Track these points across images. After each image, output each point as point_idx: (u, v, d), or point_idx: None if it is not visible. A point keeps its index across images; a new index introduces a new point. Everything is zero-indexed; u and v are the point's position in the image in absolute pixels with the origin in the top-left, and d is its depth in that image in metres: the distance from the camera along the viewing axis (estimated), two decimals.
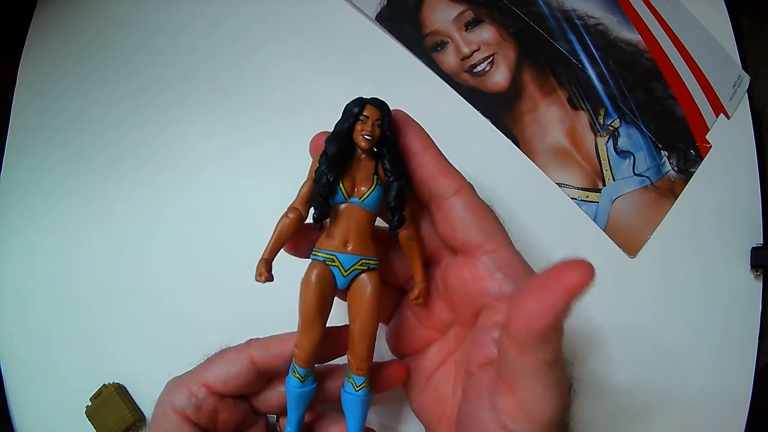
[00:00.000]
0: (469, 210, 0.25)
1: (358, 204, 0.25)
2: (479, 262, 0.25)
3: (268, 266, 0.25)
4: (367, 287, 0.25)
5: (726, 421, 0.35)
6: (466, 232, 0.25)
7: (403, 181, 0.25)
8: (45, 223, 0.40)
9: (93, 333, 0.38)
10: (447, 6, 0.40)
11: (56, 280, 0.39)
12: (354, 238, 0.25)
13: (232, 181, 0.39)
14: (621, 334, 0.36)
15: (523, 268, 0.25)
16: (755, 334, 0.36)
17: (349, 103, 0.25)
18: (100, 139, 0.41)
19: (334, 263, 0.25)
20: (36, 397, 0.38)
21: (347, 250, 0.25)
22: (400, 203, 0.25)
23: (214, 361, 0.27)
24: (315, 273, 0.25)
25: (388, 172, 0.25)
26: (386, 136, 0.25)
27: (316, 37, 0.41)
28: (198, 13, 0.42)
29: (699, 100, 0.39)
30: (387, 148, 0.25)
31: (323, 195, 0.24)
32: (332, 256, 0.25)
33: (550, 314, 0.19)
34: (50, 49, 0.44)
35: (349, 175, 0.25)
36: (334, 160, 0.24)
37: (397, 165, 0.25)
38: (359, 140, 0.24)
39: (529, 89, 0.39)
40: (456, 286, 0.26)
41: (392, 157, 0.25)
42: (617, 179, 0.38)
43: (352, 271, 0.25)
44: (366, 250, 0.25)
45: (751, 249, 0.37)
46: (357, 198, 0.25)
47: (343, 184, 0.25)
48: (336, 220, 0.25)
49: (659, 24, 0.40)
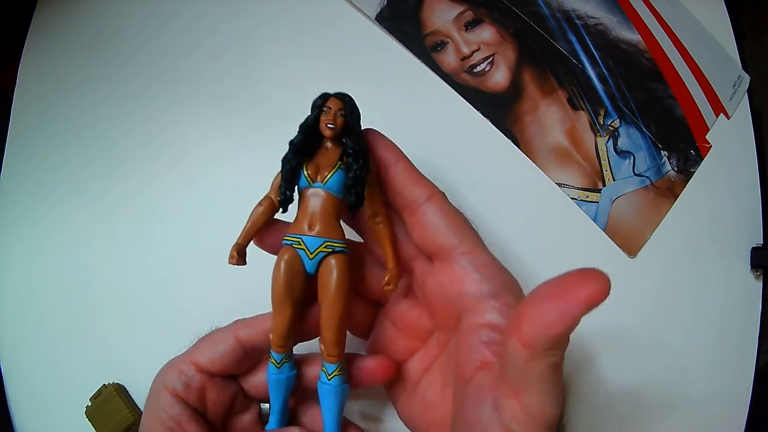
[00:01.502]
0: (442, 215, 0.26)
1: (320, 188, 0.26)
2: (456, 265, 0.26)
3: (240, 250, 0.27)
4: (333, 270, 0.26)
5: (726, 422, 0.35)
6: (441, 235, 0.26)
7: (360, 162, 0.25)
8: (45, 223, 0.40)
9: (93, 333, 0.38)
10: (447, 6, 0.40)
11: (56, 281, 0.39)
12: (318, 221, 0.26)
13: (234, 182, 0.39)
14: (621, 334, 0.36)
15: (498, 269, 0.26)
16: (755, 334, 0.36)
17: (315, 99, 0.26)
18: (101, 140, 0.41)
19: (300, 246, 0.26)
20: (36, 397, 0.38)
21: (311, 233, 0.26)
22: (356, 181, 0.25)
23: (203, 341, 0.28)
24: (283, 257, 0.26)
25: (348, 155, 0.26)
26: (349, 125, 0.26)
27: (316, 37, 0.41)
28: (199, 14, 0.42)
29: (699, 100, 0.39)
30: (350, 136, 0.26)
31: (287, 179, 0.26)
32: (298, 240, 0.26)
33: (568, 321, 0.19)
34: (50, 49, 0.44)
35: (314, 162, 0.26)
36: (298, 148, 0.26)
37: (357, 149, 0.26)
38: (323, 129, 0.26)
39: (529, 89, 0.39)
40: (435, 292, 0.27)
41: (354, 144, 0.26)
42: (617, 179, 0.38)
43: (317, 254, 0.26)
44: (331, 232, 0.26)
45: (751, 249, 0.37)
46: (320, 182, 0.26)
47: (307, 169, 0.26)
48: (301, 205, 0.26)
49: (659, 24, 0.40)
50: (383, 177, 0.27)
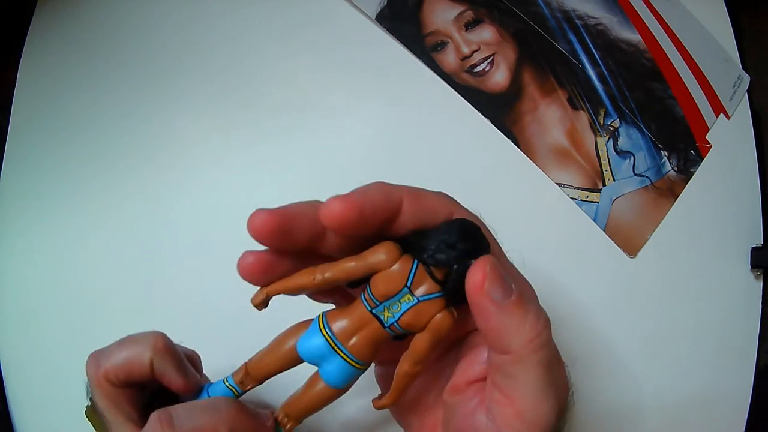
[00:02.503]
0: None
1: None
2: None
3: (263, 298, 0.23)
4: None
5: (726, 422, 0.35)
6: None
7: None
8: (45, 223, 0.40)
9: (93, 333, 0.38)
10: (447, 6, 0.40)
11: (56, 280, 0.39)
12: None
13: (233, 180, 0.39)
14: (621, 334, 0.36)
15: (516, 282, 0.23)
16: (755, 335, 0.36)
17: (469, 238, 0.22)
18: (100, 139, 0.41)
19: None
20: (36, 397, 0.38)
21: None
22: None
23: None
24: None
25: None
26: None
27: (316, 36, 0.41)
28: (198, 13, 0.42)
29: (699, 100, 0.39)
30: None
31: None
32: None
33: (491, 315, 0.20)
34: (50, 49, 0.44)
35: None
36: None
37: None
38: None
39: (529, 89, 0.39)
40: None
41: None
42: (617, 179, 0.38)
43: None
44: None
45: (751, 249, 0.37)
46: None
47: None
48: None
49: (659, 24, 0.40)
50: None
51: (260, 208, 0.21)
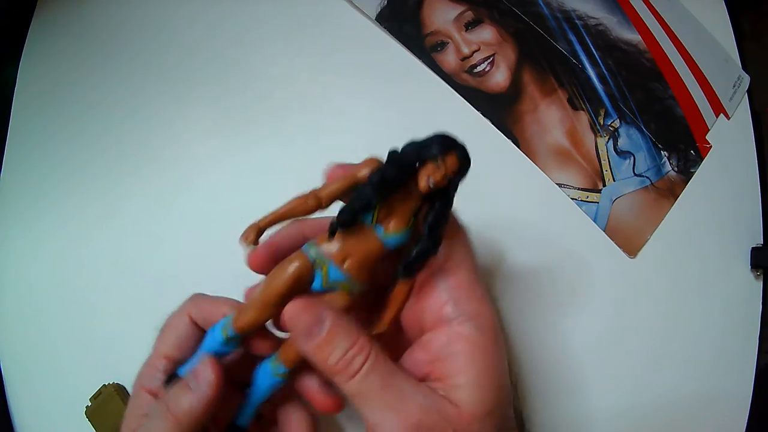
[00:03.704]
0: None
1: (379, 235, 0.23)
2: (432, 281, 0.24)
3: (259, 231, 0.23)
4: (337, 300, 0.23)
5: (726, 422, 0.35)
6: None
7: (432, 244, 0.23)
8: (45, 223, 0.40)
9: (93, 333, 0.38)
10: (447, 6, 0.40)
11: (56, 280, 0.39)
12: (356, 261, 0.23)
13: (233, 180, 0.39)
14: (621, 334, 0.36)
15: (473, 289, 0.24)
16: (755, 335, 0.36)
17: (437, 136, 0.22)
18: (100, 140, 0.41)
19: (321, 270, 0.23)
20: (36, 397, 0.38)
21: (342, 266, 0.23)
22: (418, 263, 0.23)
23: (164, 331, 0.27)
24: (297, 267, 0.23)
25: (427, 227, 0.22)
26: (448, 190, 0.22)
27: (316, 37, 0.41)
28: (198, 14, 0.42)
29: (699, 100, 0.39)
30: (441, 201, 0.22)
31: (353, 212, 0.22)
32: (325, 262, 0.23)
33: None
34: (50, 49, 0.44)
35: (389, 203, 0.23)
36: (386, 186, 0.22)
37: (438, 224, 0.22)
38: (421, 179, 0.22)
39: (529, 89, 0.39)
40: (409, 310, 0.25)
41: (439, 214, 0.22)
42: (617, 179, 0.38)
43: (331, 287, 0.23)
44: (360, 276, 0.23)
45: (751, 249, 0.37)
46: (383, 229, 0.23)
47: (380, 208, 0.22)
48: (350, 233, 0.23)
49: (659, 24, 0.40)
50: None
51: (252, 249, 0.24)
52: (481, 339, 0.23)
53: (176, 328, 0.26)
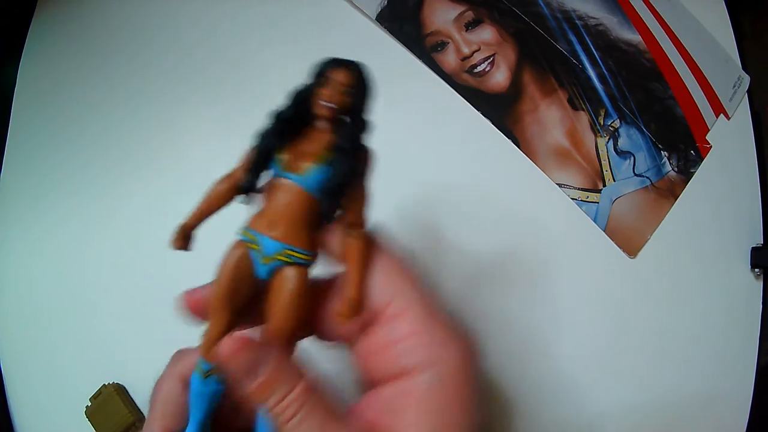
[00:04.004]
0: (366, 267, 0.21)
1: (294, 182, 0.20)
2: (381, 331, 0.21)
3: (185, 232, 0.22)
4: (288, 283, 0.20)
5: (727, 422, 0.35)
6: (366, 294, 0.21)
7: (349, 160, 0.20)
8: (45, 223, 0.40)
9: (93, 333, 0.38)
10: (447, 6, 0.40)
11: (56, 281, 0.39)
12: (283, 222, 0.20)
13: None
14: (621, 335, 0.36)
15: (431, 333, 0.21)
16: (756, 335, 0.36)
17: (322, 61, 0.21)
18: (100, 140, 0.41)
19: (254, 246, 0.21)
20: (36, 397, 0.38)
21: (271, 234, 0.20)
22: (334, 186, 0.20)
23: (156, 400, 0.25)
24: (232, 255, 0.21)
25: (336, 147, 0.20)
26: (355, 108, 0.20)
27: (317, 37, 0.41)
28: (199, 15, 0.42)
29: (699, 100, 0.39)
30: (350, 123, 0.20)
31: (255, 161, 0.20)
32: (254, 237, 0.21)
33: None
34: (50, 49, 0.44)
35: (295, 146, 0.20)
36: (282, 124, 0.20)
37: (352, 139, 0.20)
38: (317, 106, 0.20)
39: (529, 90, 0.39)
40: (362, 360, 0.23)
41: (351, 131, 0.20)
42: (617, 180, 0.38)
43: (273, 261, 0.21)
44: (295, 238, 0.20)
45: (751, 249, 0.37)
46: (296, 174, 0.20)
47: (284, 154, 0.20)
48: (268, 196, 0.21)
49: (659, 24, 0.40)
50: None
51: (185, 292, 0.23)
52: (438, 390, 0.20)
53: (168, 395, 0.24)
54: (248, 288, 0.21)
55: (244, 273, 0.21)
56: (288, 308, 0.21)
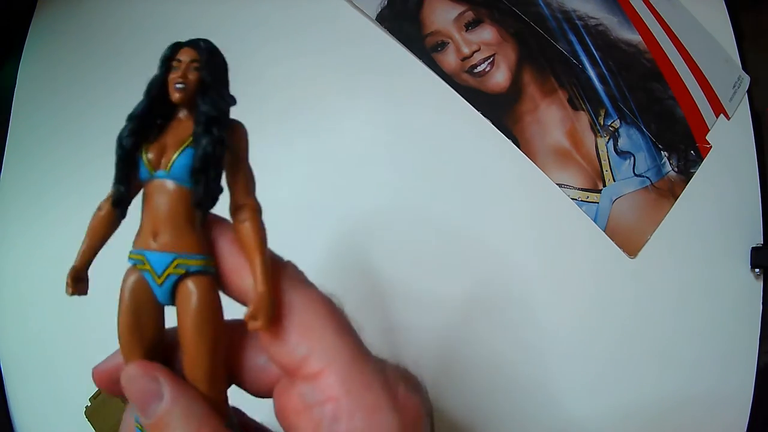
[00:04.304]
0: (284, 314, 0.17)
1: (165, 177, 0.18)
2: (295, 391, 0.17)
3: (76, 275, 0.20)
4: (190, 301, 0.18)
5: (727, 422, 0.35)
6: (277, 350, 0.18)
7: (213, 132, 0.18)
8: (45, 222, 0.40)
9: (93, 333, 0.38)
10: (447, 6, 0.40)
11: (56, 280, 0.39)
12: (165, 228, 0.18)
13: None
14: (621, 335, 0.36)
15: (357, 397, 0.17)
16: (756, 335, 0.36)
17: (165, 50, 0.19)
18: (100, 139, 0.41)
19: (144, 266, 0.18)
20: (36, 397, 0.38)
21: (155, 246, 0.18)
22: (203, 162, 0.17)
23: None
24: (128, 283, 0.18)
25: (197, 123, 0.18)
26: (205, 83, 0.19)
27: (317, 37, 0.41)
28: (198, 14, 0.42)
29: (699, 100, 0.40)
30: (205, 98, 0.18)
31: (119, 168, 0.18)
32: (141, 257, 0.18)
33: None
34: (50, 48, 0.44)
35: (159, 142, 0.18)
36: (139, 121, 0.18)
37: (211, 115, 0.18)
38: (171, 92, 0.18)
39: (529, 90, 0.39)
40: (277, 416, 0.19)
41: (209, 107, 0.18)
42: (617, 180, 0.38)
43: (167, 277, 0.18)
44: (182, 243, 0.18)
45: (751, 249, 0.37)
46: (163, 170, 0.18)
47: (148, 153, 0.18)
48: (145, 205, 0.19)
49: (659, 24, 0.40)
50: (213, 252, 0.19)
51: (95, 366, 0.21)
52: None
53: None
54: (155, 320, 0.19)
55: (143, 301, 0.18)
56: (196, 331, 0.17)
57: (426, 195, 0.38)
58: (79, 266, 0.20)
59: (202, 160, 0.17)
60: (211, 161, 0.18)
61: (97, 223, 0.20)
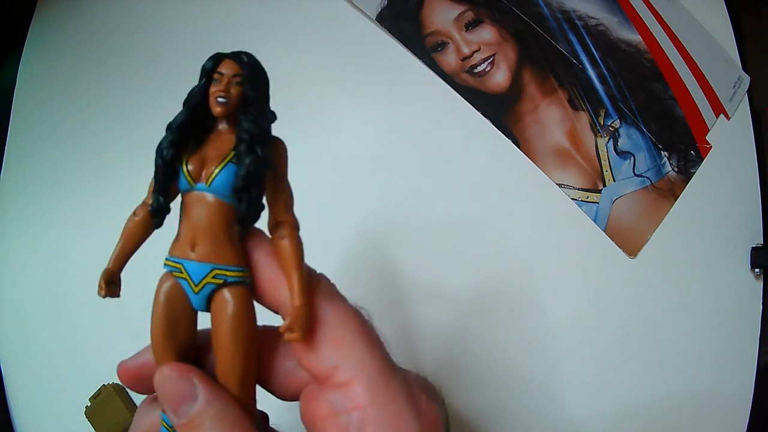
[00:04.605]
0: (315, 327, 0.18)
1: (205, 190, 0.18)
2: (323, 398, 0.18)
3: (109, 278, 0.20)
4: (227, 310, 0.18)
5: (728, 422, 0.35)
6: (309, 359, 0.18)
7: (257, 151, 0.18)
8: (45, 222, 0.40)
9: (93, 333, 0.38)
10: (447, 6, 0.40)
11: (56, 280, 0.39)
12: (203, 240, 0.18)
13: None
14: (621, 335, 0.36)
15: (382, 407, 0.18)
16: (756, 335, 0.36)
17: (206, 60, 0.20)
18: (100, 139, 0.41)
19: (181, 274, 0.19)
20: (36, 398, 0.38)
21: (194, 256, 0.18)
22: (247, 180, 0.18)
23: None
24: (162, 289, 0.19)
25: (240, 142, 0.18)
26: (248, 97, 0.19)
27: (317, 37, 0.41)
28: (198, 13, 0.42)
29: (699, 100, 0.40)
30: (248, 114, 0.19)
31: (159, 179, 0.19)
32: (179, 265, 0.19)
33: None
34: (50, 48, 0.44)
35: (199, 154, 0.19)
36: (179, 132, 0.19)
37: (254, 133, 0.18)
38: (213, 105, 0.18)
39: (529, 90, 0.39)
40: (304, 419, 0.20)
41: (252, 124, 0.19)
42: (617, 180, 0.38)
43: (204, 286, 0.18)
44: (220, 255, 0.18)
45: (751, 249, 0.37)
46: (203, 183, 0.18)
47: (188, 164, 0.18)
48: (183, 215, 0.19)
49: (659, 24, 0.40)
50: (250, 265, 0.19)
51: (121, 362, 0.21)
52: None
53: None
54: (188, 325, 0.19)
55: (179, 307, 0.19)
56: (231, 338, 0.18)
57: (426, 195, 0.38)
58: (112, 269, 0.20)
59: (245, 179, 0.18)
60: (254, 180, 0.18)
61: (132, 228, 0.20)
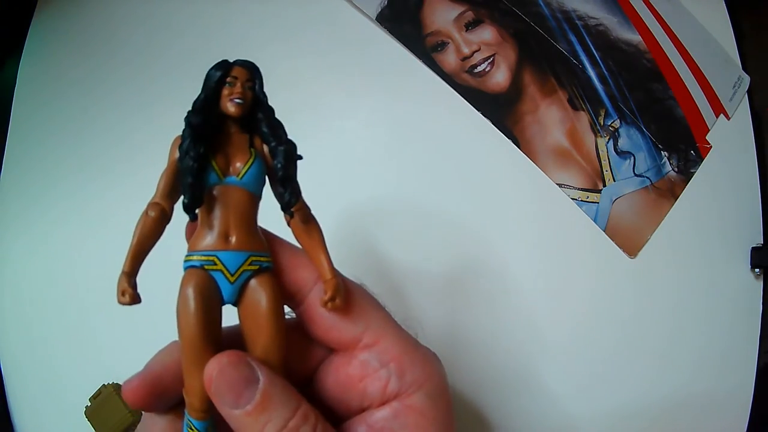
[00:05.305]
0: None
1: (235, 184, 0.20)
2: (358, 361, 0.21)
3: (131, 282, 0.20)
4: (263, 298, 0.19)
5: (727, 422, 0.35)
6: (339, 329, 0.21)
7: (289, 144, 0.20)
8: (45, 222, 0.40)
9: (93, 333, 0.38)
10: (447, 6, 0.40)
11: (56, 280, 0.39)
12: (237, 229, 0.20)
13: None
14: (621, 335, 0.36)
15: (411, 361, 0.21)
16: (756, 335, 0.36)
17: (211, 68, 0.21)
18: (100, 139, 0.41)
19: (215, 266, 0.19)
20: (36, 398, 0.38)
21: (230, 245, 0.19)
22: (289, 172, 0.20)
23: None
24: (193, 285, 0.19)
25: (269, 137, 0.20)
26: (260, 100, 0.21)
27: (317, 37, 0.41)
28: (199, 14, 0.42)
29: (699, 100, 0.40)
30: (262, 112, 0.21)
31: (193, 173, 0.19)
32: (212, 258, 0.19)
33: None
34: (50, 49, 0.44)
35: (220, 152, 0.20)
36: (200, 130, 0.19)
37: (276, 128, 0.21)
38: (227, 106, 0.20)
39: (529, 90, 0.39)
40: (336, 383, 0.22)
41: (270, 121, 0.20)
42: (617, 180, 0.38)
43: (240, 274, 0.19)
44: (254, 243, 0.20)
45: (751, 249, 0.37)
46: (234, 176, 0.20)
47: (216, 162, 0.20)
48: (210, 209, 0.20)
49: (659, 24, 0.40)
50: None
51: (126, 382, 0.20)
52: (432, 409, 0.21)
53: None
54: (220, 318, 0.20)
55: (214, 303, 0.19)
56: (273, 319, 0.19)
57: (426, 195, 0.38)
58: (130, 271, 0.20)
59: (285, 168, 0.20)
60: (292, 167, 0.20)
61: (149, 227, 0.20)
